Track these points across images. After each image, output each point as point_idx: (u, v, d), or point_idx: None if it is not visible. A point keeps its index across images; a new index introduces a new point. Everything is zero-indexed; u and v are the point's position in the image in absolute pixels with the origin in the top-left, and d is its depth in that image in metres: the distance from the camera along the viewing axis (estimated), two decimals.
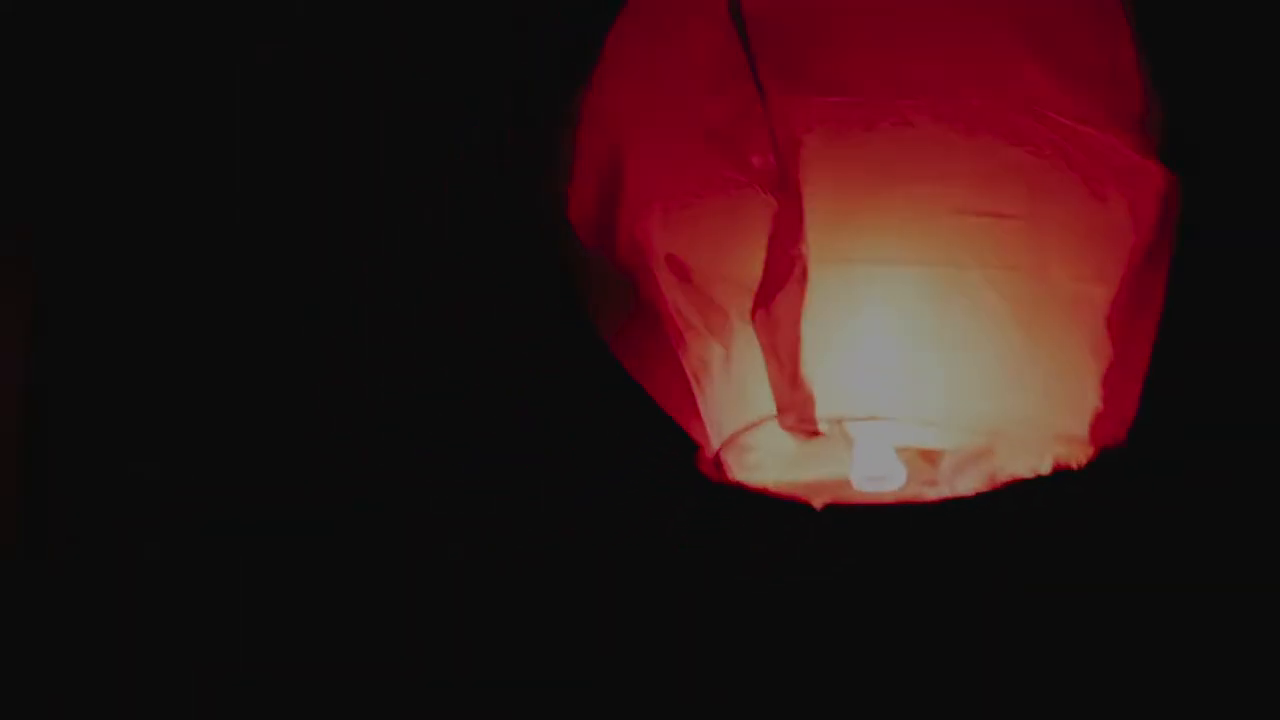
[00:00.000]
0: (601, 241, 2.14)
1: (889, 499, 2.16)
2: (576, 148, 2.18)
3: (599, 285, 2.18)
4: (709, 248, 2.01)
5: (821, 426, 1.91)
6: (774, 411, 1.93)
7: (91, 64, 2.80)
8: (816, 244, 1.90)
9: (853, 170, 1.93)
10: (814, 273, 1.90)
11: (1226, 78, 2.67)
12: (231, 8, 2.81)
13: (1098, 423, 1.97)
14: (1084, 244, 1.97)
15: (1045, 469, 2.04)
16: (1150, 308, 2.03)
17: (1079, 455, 2.01)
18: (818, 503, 2.17)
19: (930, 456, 2.15)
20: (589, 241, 2.16)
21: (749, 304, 1.94)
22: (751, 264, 1.95)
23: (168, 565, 2.78)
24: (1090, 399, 1.97)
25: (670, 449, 2.16)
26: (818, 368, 1.91)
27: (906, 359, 1.93)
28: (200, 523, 2.79)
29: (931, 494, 2.17)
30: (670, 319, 2.07)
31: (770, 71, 1.92)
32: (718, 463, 2.07)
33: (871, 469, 2.05)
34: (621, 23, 2.17)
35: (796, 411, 1.90)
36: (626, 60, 2.14)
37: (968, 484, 2.14)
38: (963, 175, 1.94)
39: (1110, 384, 1.98)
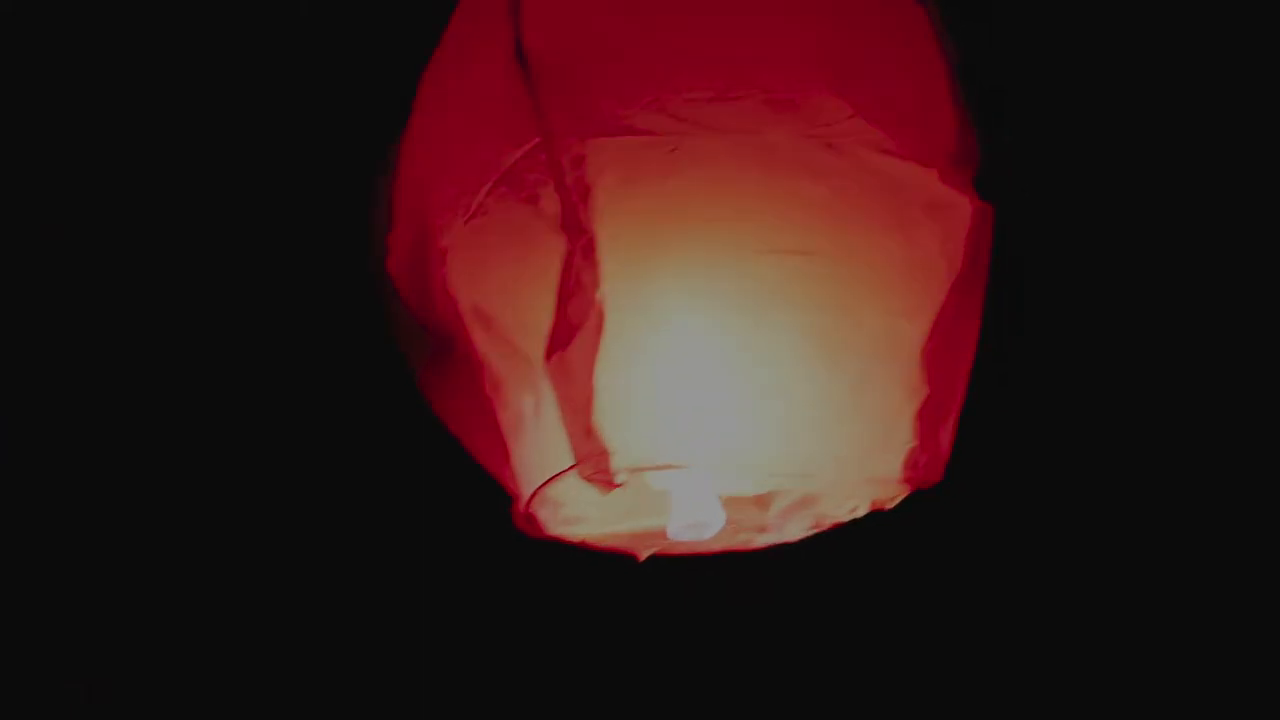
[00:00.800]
0: (418, 292, 2.09)
1: (716, 547, 2.11)
2: (393, 195, 2.14)
3: (413, 339, 2.13)
4: (510, 296, 1.95)
5: (620, 478, 1.85)
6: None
7: (92, 64, 2.75)
8: (612, 288, 1.85)
9: (648, 211, 1.87)
10: (610, 318, 1.84)
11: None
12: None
13: (912, 462, 1.92)
14: (893, 279, 1.92)
15: (862, 511, 1.99)
16: (965, 341, 1.98)
17: (893, 495, 1.96)
18: (642, 554, 2.11)
19: (761, 502, 2.10)
20: (407, 292, 2.11)
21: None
22: (548, 309, 1.89)
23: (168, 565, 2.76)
24: (904, 437, 1.92)
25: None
26: (615, 417, 1.85)
27: (708, 404, 1.87)
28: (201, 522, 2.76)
29: (760, 541, 2.11)
30: (484, 370, 2.01)
31: (556, 113, 1.86)
32: (529, 517, 2.01)
33: (688, 517, 1.99)
34: (432, 65, 2.12)
35: (593, 462, 1.84)
36: (431, 105, 2.09)
37: (796, 529, 2.09)
38: (762, 213, 1.88)
39: (924, 421, 1.93)
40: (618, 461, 1.85)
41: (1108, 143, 2.68)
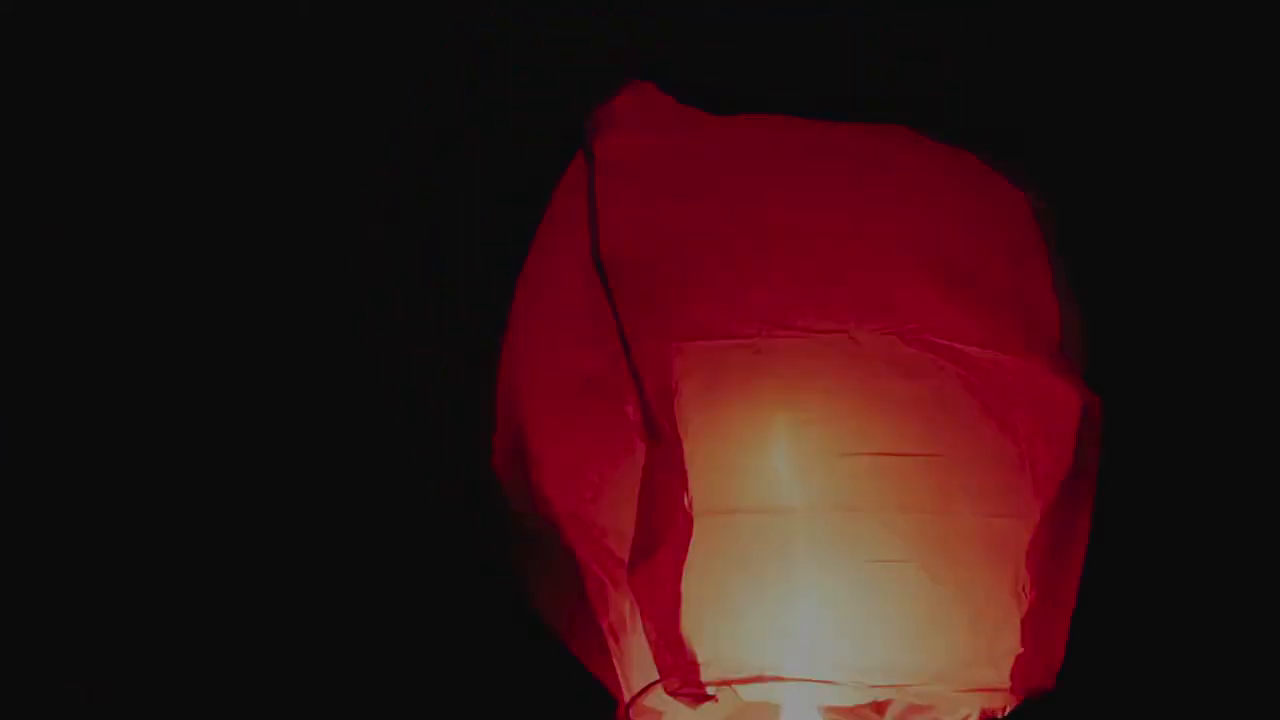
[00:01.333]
0: (522, 492, 2.07)
1: None
2: (496, 394, 2.12)
3: (518, 539, 2.10)
4: (602, 501, 1.92)
5: (710, 690, 1.79)
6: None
7: (91, 64, 2.76)
8: (698, 494, 1.80)
9: (733, 414, 1.83)
10: (697, 525, 1.80)
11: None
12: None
13: (1020, 669, 1.84)
14: (991, 478, 1.85)
15: (973, 716, 1.91)
16: (1075, 540, 1.90)
17: (1003, 704, 1.87)
18: None
19: (879, 708, 2.02)
20: (511, 491, 2.09)
21: None
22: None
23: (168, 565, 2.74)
24: (1010, 643, 1.84)
25: None
26: (703, 627, 1.79)
27: (800, 612, 1.81)
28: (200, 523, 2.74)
29: None
30: (585, 573, 1.98)
31: (636, 318, 1.84)
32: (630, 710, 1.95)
33: None
34: (526, 268, 2.11)
35: (680, 676, 1.79)
36: (525, 309, 2.08)
37: None
38: (850, 414, 1.83)
39: (1033, 626, 1.85)
40: (707, 674, 1.80)
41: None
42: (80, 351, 2.78)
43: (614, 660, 1.97)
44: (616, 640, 1.96)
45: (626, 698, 1.94)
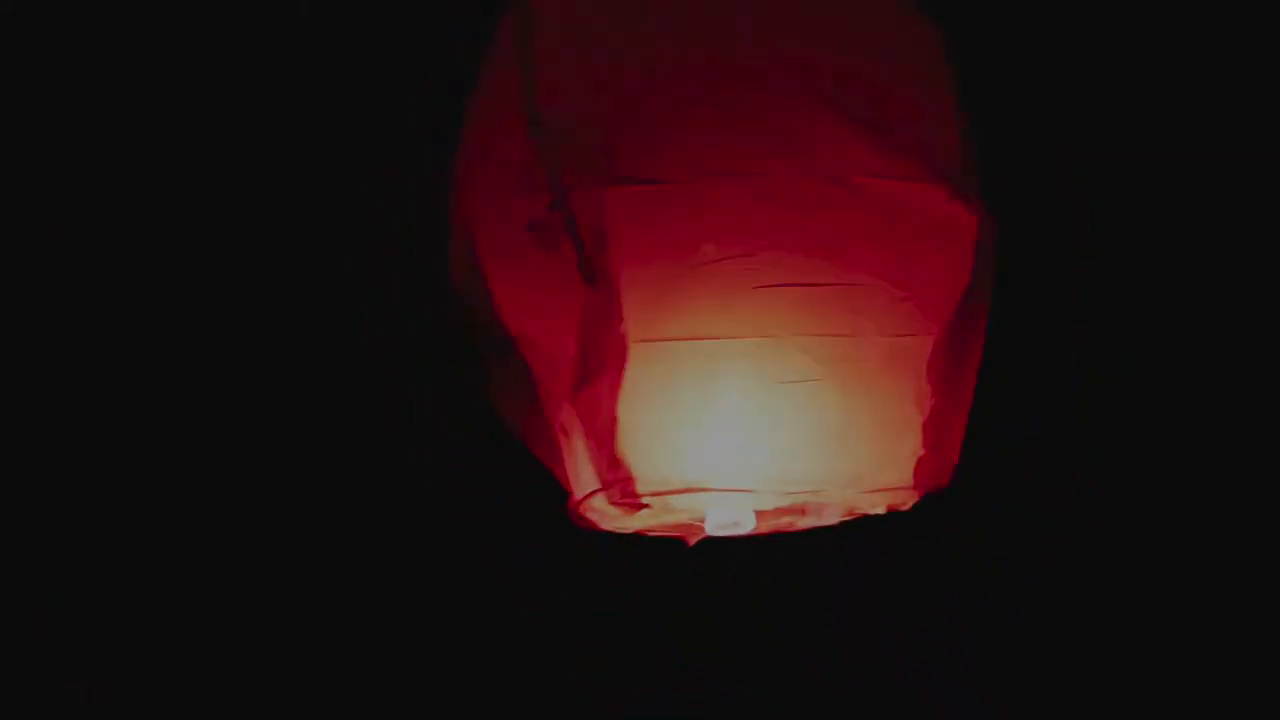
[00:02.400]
0: (480, 303, 2.23)
1: (763, 530, 2.27)
2: (452, 206, 2.27)
3: (477, 347, 2.28)
4: (546, 325, 2.11)
5: (644, 500, 2.02)
6: None
7: (91, 64, 2.83)
8: (632, 325, 2.01)
9: (662, 253, 2.02)
10: (631, 352, 2.01)
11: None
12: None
13: (921, 469, 2.08)
14: (896, 301, 2.06)
15: (880, 510, 2.14)
16: (971, 350, 2.12)
17: (906, 499, 2.11)
18: (691, 540, 2.27)
19: (799, 509, 2.23)
20: (470, 302, 2.24)
21: None
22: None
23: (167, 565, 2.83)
24: (912, 446, 2.07)
25: None
26: (638, 445, 2.02)
27: (726, 429, 2.03)
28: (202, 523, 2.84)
29: (801, 524, 2.27)
30: (537, 382, 2.18)
31: (569, 168, 2.01)
32: (582, 517, 2.18)
33: (723, 518, 2.15)
34: (475, 92, 2.26)
35: (618, 488, 2.02)
36: (476, 130, 2.22)
37: (832, 517, 2.24)
38: (771, 249, 2.03)
39: (932, 430, 2.08)
40: (642, 486, 2.03)
41: (1099, 147, 2.77)
42: (80, 351, 2.85)
43: (565, 458, 2.18)
44: (567, 439, 2.16)
45: (576, 493, 2.18)
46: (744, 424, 2.03)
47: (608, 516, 2.20)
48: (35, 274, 2.84)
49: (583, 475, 2.16)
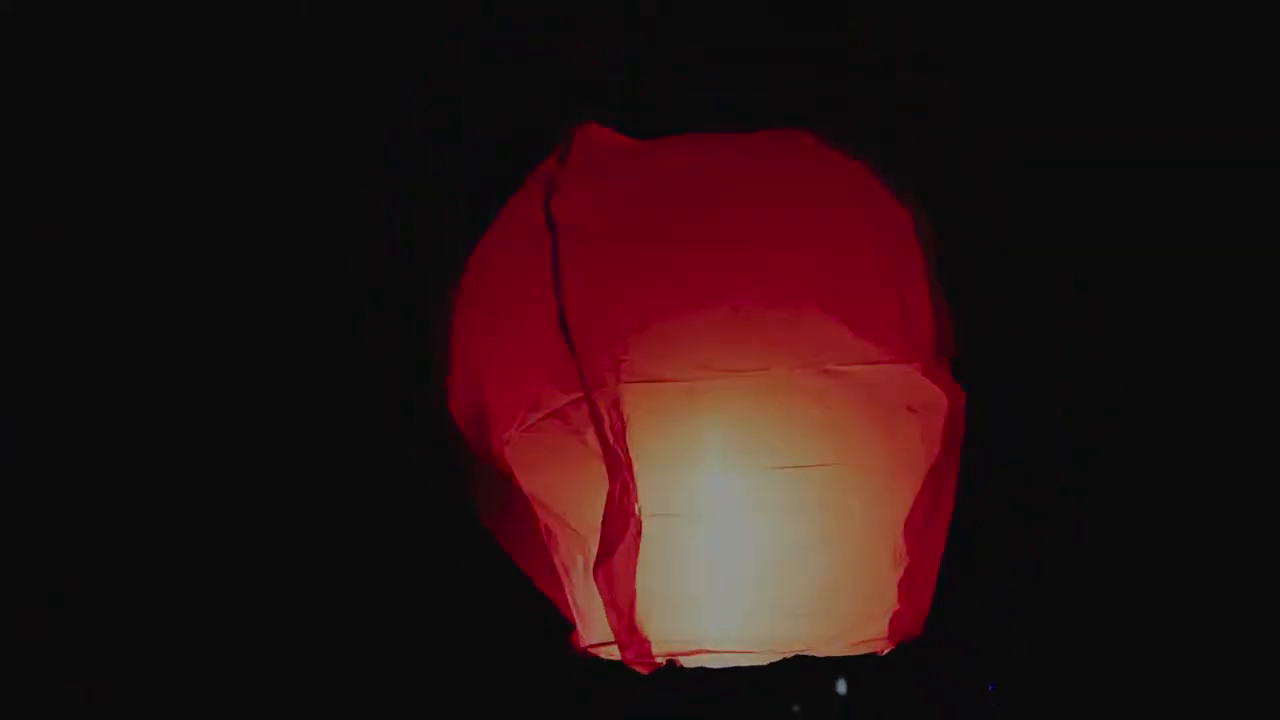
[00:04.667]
0: (477, 438, 2.45)
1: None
2: (451, 345, 2.48)
3: (478, 474, 2.48)
4: (561, 494, 2.37)
5: (659, 661, 2.30)
6: None
7: (91, 64, 2.84)
8: (647, 503, 2.27)
9: (674, 441, 2.28)
10: (646, 526, 2.27)
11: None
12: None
13: (896, 621, 2.36)
14: (879, 473, 2.33)
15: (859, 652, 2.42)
16: (941, 513, 2.39)
17: (882, 648, 2.39)
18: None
19: None
20: (467, 433, 2.47)
21: (595, 536, 2.29)
22: (594, 506, 2.30)
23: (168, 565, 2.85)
24: (889, 603, 2.35)
25: None
26: (651, 612, 2.29)
27: (728, 597, 2.30)
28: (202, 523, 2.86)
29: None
30: (540, 518, 2.41)
31: (594, 368, 2.26)
32: (589, 652, 2.44)
33: None
34: (480, 254, 2.48)
35: (636, 653, 2.29)
36: (483, 300, 2.46)
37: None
38: (767, 436, 2.29)
39: (906, 586, 2.36)
40: (657, 649, 2.31)
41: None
42: (81, 351, 2.86)
43: (566, 590, 2.43)
44: (568, 575, 2.42)
45: (578, 625, 2.42)
46: (743, 593, 2.31)
47: (609, 653, 2.43)
48: (35, 274, 2.87)
49: (589, 619, 2.40)
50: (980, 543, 2.83)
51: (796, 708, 2.66)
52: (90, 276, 2.87)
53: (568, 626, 2.45)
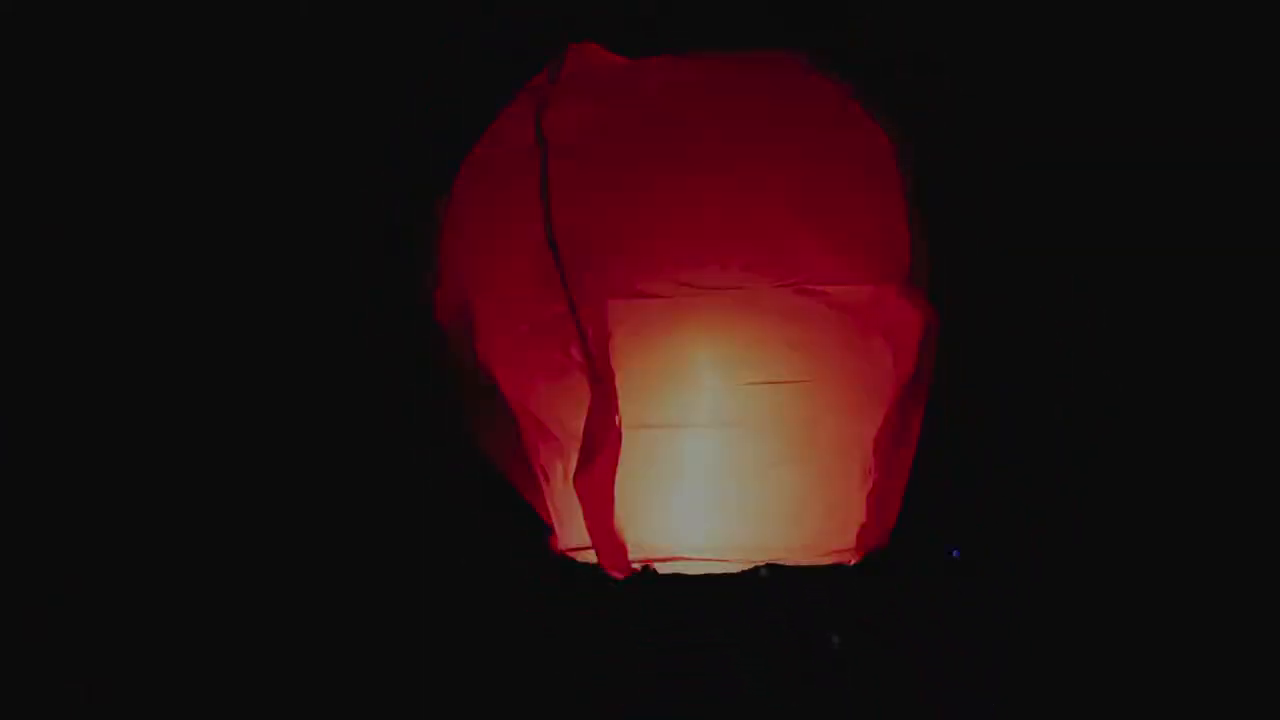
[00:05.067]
0: (464, 348, 2.53)
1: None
2: (439, 257, 2.57)
3: (464, 383, 2.55)
4: (546, 403, 2.45)
5: (635, 566, 2.39)
6: None
7: (91, 64, 2.86)
8: (627, 415, 2.35)
9: (655, 356, 2.37)
10: (625, 438, 2.35)
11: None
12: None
13: (863, 534, 2.46)
14: (850, 392, 2.42)
15: (827, 563, 2.50)
16: (909, 433, 2.48)
17: (850, 559, 2.48)
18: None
19: None
20: (454, 344, 2.54)
21: (575, 445, 2.38)
22: (576, 416, 2.39)
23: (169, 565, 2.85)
24: (857, 516, 2.45)
25: None
26: (629, 521, 2.37)
27: (702, 507, 2.40)
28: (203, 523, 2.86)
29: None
30: (524, 427, 2.50)
31: (579, 282, 2.35)
32: (565, 554, 2.52)
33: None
34: (469, 167, 2.55)
35: (613, 559, 2.39)
36: (471, 214, 2.53)
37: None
38: (741, 353, 2.38)
39: (873, 501, 2.45)
40: (632, 554, 2.39)
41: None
42: (81, 351, 2.85)
43: (545, 494, 2.52)
44: (547, 481, 2.50)
45: (556, 527, 2.50)
46: (716, 502, 2.39)
47: (585, 557, 2.52)
48: (35, 274, 2.87)
49: (565, 518, 2.48)
50: (980, 543, 2.90)
51: (836, 638, 2.68)
52: (90, 276, 2.89)
53: (546, 529, 2.54)
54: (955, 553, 2.90)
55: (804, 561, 2.45)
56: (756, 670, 2.72)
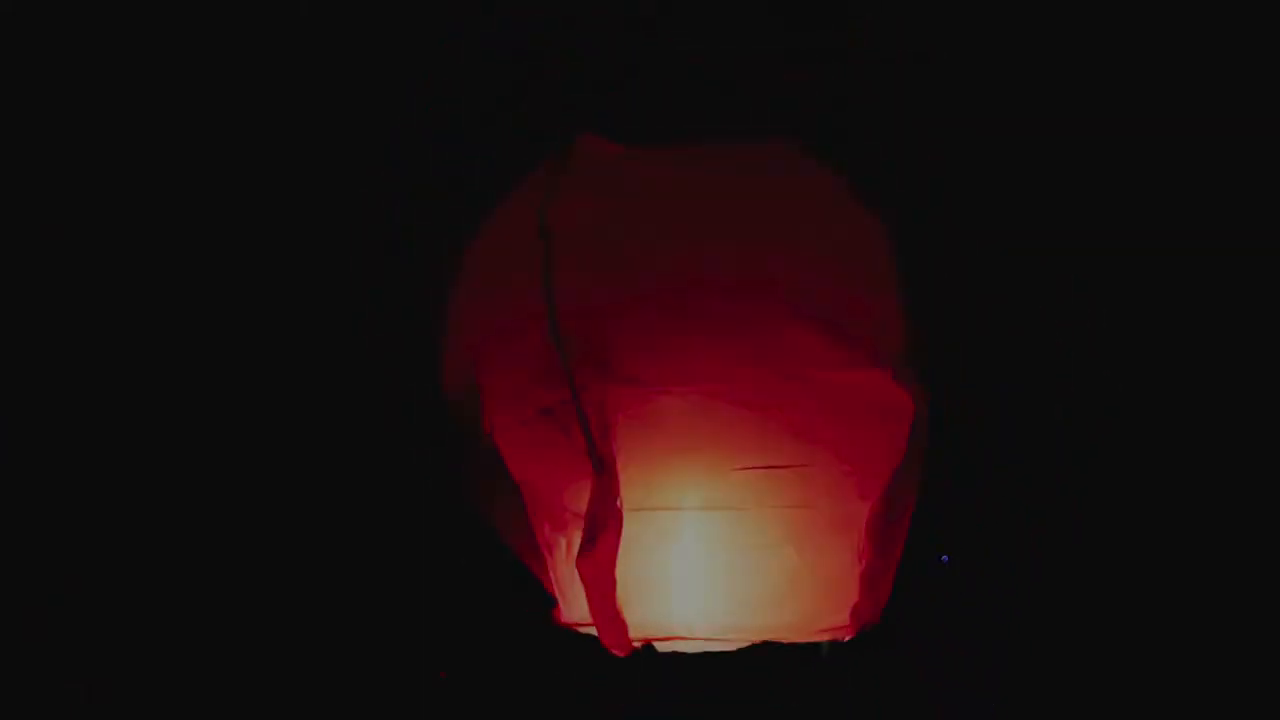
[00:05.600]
0: (470, 420, 2.56)
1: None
2: (449, 328, 2.60)
3: (470, 453, 2.58)
4: (549, 482, 2.50)
5: (635, 644, 2.44)
6: None
7: (91, 64, 2.88)
8: (628, 498, 2.40)
9: (655, 443, 2.42)
10: (627, 520, 2.40)
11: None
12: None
13: (856, 612, 2.50)
14: (845, 473, 2.47)
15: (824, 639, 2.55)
16: (903, 509, 2.53)
17: (844, 636, 2.53)
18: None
19: None
20: (460, 415, 2.57)
21: (578, 523, 2.42)
22: (579, 496, 2.43)
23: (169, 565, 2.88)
24: (850, 595, 2.50)
25: None
26: (630, 600, 2.42)
27: (700, 588, 2.45)
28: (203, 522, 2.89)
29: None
30: (527, 501, 2.54)
31: (582, 370, 2.40)
32: (569, 627, 2.57)
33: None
34: (477, 249, 2.59)
35: (614, 638, 2.44)
36: (478, 296, 2.57)
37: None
38: (743, 440, 2.43)
39: (867, 579, 2.50)
40: (634, 633, 2.45)
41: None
42: (81, 351, 2.89)
43: (548, 565, 2.57)
44: (550, 555, 2.56)
45: (559, 602, 2.55)
46: (714, 585, 2.45)
47: (588, 631, 2.55)
48: (35, 274, 2.89)
49: (568, 592, 2.53)
50: (980, 543, 2.96)
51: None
52: (90, 276, 2.90)
53: (550, 601, 2.58)
54: (945, 559, 2.93)
55: (799, 639, 2.49)
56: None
